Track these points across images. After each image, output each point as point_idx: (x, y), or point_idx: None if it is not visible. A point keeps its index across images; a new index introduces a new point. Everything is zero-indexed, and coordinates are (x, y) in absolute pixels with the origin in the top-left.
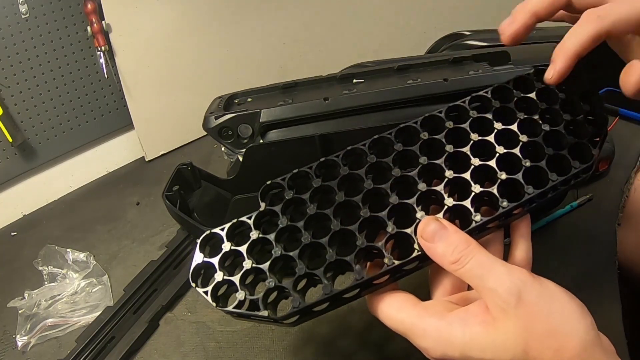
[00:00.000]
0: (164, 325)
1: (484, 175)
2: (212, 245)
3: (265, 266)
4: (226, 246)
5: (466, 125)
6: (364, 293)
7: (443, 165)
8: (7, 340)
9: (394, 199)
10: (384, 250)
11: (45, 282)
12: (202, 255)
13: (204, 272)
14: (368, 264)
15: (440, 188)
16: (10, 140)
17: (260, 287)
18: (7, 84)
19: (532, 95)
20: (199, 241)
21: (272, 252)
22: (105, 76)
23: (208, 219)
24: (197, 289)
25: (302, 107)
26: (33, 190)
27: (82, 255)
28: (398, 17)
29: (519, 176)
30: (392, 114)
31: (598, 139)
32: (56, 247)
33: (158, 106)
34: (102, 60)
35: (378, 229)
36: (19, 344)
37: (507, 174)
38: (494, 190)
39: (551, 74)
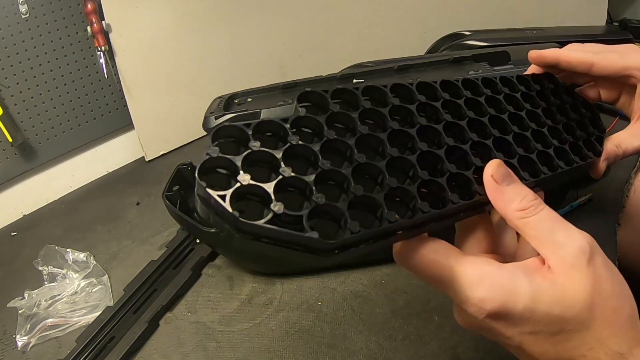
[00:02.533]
0: (164, 325)
1: (521, 143)
2: (232, 142)
3: (309, 178)
4: (255, 145)
5: (501, 97)
6: (415, 233)
7: (487, 122)
8: (7, 340)
9: (449, 140)
10: (445, 187)
11: (45, 282)
12: (217, 149)
13: (219, 174)
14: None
15: (489, 142)
16: (10, 140)
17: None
18: (7, 84)
19: (548, 92)
20: (213, 131)
21: (320, 164)
22: (105, 76)
23: (208, 219)
24: (207, 190)
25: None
26: (33, 190)
27: (82, 255)
28: (398, 17)
29: (550, 151)
30: None
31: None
32: (56, 247)
33: (158, 106)
34: (102, 60)
35: (433, 167)
36: (19, 344)
37: (542, 146)
38: (534, 157)
39: (535, 54)
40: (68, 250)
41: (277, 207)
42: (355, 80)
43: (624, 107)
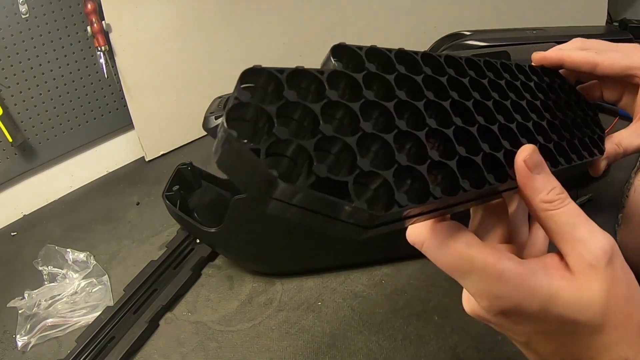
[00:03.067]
0: (164, 325)
1: (540, 132)
2: (257, 90)
3: (351, 140)
4: (291, 95)
5: (518, 84)
6: (467, 205)
7: (510, 107)
8: (7, 340)
9: (480, 119)
10: (503, 160)
11: (45, 282)
12: (249, 93)
13: (248, 124)
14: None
15: (513, 127)
16: (10, 140)
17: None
18: (7, 84)
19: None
20: (242, 73)
21: (362, 126)
22: (105, 76)
23: (208, 219)
24: (239, 139)
25: None
26: (33, 190)
27: (82, 255)
28: (398, 17)
29: (564, 143)
30: None
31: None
32: (56, 247)
33: (158, 106)
34: (102, 60)
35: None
36: (19, 344)
37: (557, 138)
38: (552, 147)
39: (538, 56)
40: (68, 250)
41: (320, 169)
42: None
43: (626, 106)
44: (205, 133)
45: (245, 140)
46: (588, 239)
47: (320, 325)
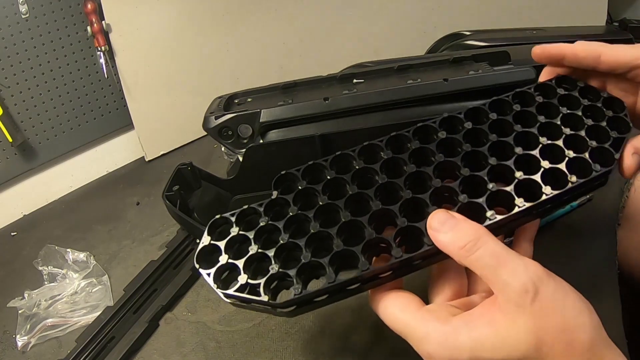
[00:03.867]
0: (164, 325)
1: (501, 175)
2: (220, 230)
3: (270, 252)
4: (234, 230)
5: (485, 127)
6: (367, 287)
7: (459, 163)
8: (7, 340)
9: (406, 194)
10: (392, 242)
11: (45, 282)
12: (209, 238)
13: (210, 256)
14: (374, 258)
15: (455, 185)
16: (10, 140)
17: (264, 275)
18: (7, 84)
19: (554, 100)
20: (208, 224)
21: (280, 239)
22: (105, 76)
23: (208, 219)
24: (200, 270)
25: (302, 107)
26: (33, 190)
27: (82, 255)
28: (398, 17)
29: (537, 177)
30: (393, 114)
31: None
32: (56, 247)
33: (158, 106)
34: (102, 60)
35: (388, 222)
36: (19, 344)
37: (524, 174)
38: (511, 189)
39: (539, 50)
40: (68, 250)
41: (242, 278)
42: (355, 80)
43: (633, 109)
44: (205, 133)
45: (204, 268)
46: (510, 279)
47: (320, 325)
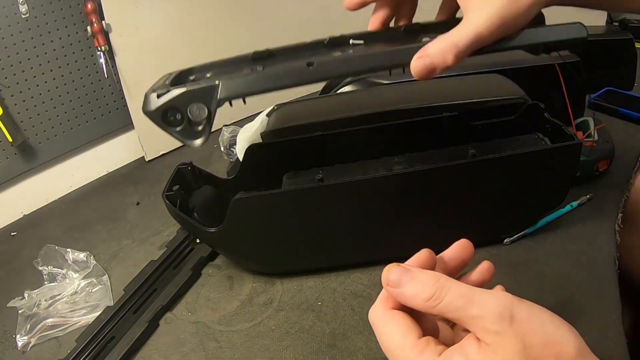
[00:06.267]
0: (164, 325)
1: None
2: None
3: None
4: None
5: None
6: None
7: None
8: (7, 340)
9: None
10: None
11: (45, 282)
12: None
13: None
14: None
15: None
16: (10, 140)
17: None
18: (7, 84)
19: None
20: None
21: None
22: (105, 76)
23: (208, 219)
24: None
25: (276, 75)
26: (33, 190)
27: (82, 255)
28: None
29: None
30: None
31: None
32: (56, 247)
33: None
34: (102, 60)
35: None
36: (19, 344)
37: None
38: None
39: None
40: (68, 250)
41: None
42: (352, 42)
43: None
44: None
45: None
46: (481, 312)
47: (320, 325)
